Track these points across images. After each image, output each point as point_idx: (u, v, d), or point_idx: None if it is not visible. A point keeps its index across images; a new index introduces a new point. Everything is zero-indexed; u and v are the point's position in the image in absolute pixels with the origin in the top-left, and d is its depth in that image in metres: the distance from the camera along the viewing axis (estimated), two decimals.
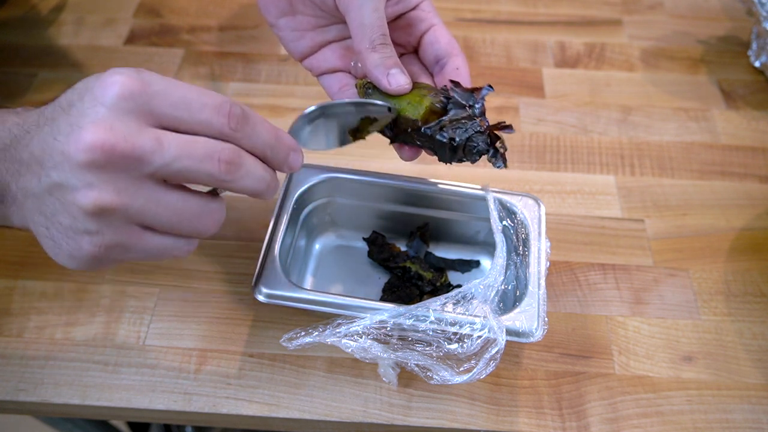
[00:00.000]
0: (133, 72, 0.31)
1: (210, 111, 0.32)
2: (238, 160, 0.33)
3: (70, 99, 0.32)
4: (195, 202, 0.33)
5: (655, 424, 0.46)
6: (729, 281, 0.54)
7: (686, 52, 0.74)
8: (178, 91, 0.31)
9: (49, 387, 0.46)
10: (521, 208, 0.49)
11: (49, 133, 0.31)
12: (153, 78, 0.31)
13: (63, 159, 0.30)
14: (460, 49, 0.44)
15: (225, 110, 0.32)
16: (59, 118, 0.32)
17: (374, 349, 0.41)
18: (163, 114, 0.31)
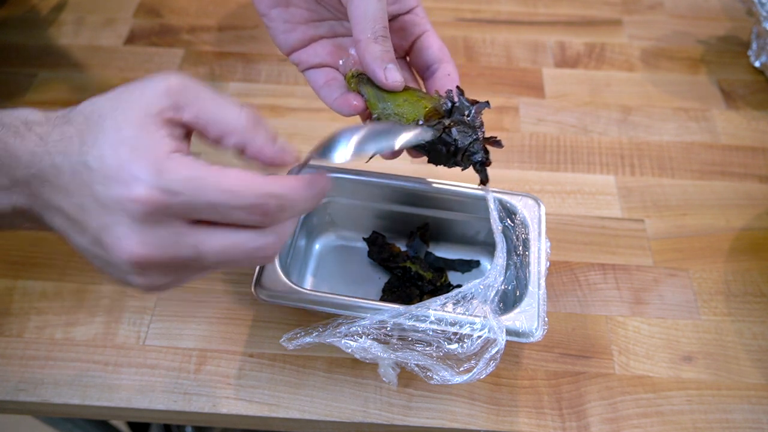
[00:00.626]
0: (153, 177, 0.29)
1: (244, 213, 0.31)
2: (277, 250, 0.33)
3: (89, 180, 0.30)
4: (242, 247, 0.32)
5: (655, 424, 0.46)
6: (729, 281, 0.54)
7: (686, 52, 0.74)
8: (205, 195, 0.30)
9: (49, 387, 0.46)
10: (521, 208, 0.49)
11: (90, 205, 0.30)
12: (177, 185, 0.29)
13: (107, 251, 0.31)
14: (450, 56, 0.45)
15: (259, 211, 0.31)
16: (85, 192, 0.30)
17: (374, 349, 0.41)
18: (195, 215, 0.31)
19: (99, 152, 0.30)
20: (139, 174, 0.29)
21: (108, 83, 0.68)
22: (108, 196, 0.30)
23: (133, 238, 0.30)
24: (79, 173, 0.31)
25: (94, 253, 0.32)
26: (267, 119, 0.65)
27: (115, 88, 0.33)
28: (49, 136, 0.32)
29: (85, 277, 0.52)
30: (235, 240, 0.31)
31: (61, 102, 0.66)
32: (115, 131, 0.31)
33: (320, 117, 0.65)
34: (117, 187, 0.30)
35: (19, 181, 0.32)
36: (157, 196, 0.29)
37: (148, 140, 0.30)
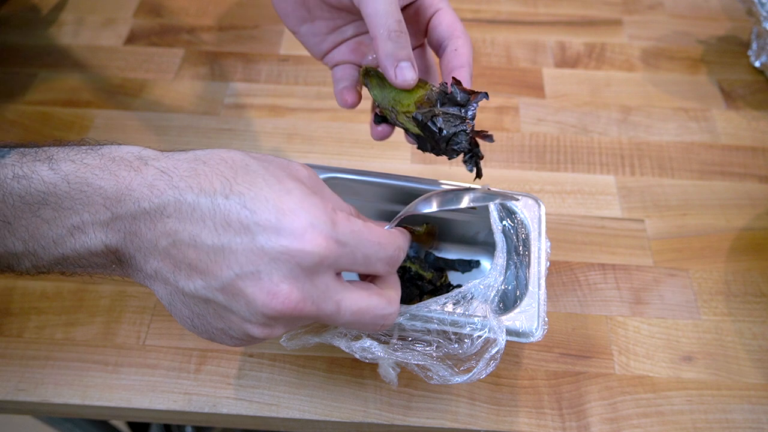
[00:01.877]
0: (331, 231, 0.30)
1: (382, 264, 0.34)
2: (392, 323, 0.36)
3: (246, 222, 0.29)
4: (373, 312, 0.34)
5: (655, 424, 0.46)
6: (729, 281, 0.54)
7: (686, 52, 0.74)
8: (363, 248, 0.32)
9: (49, 387, 0.46)
10: (521, 208, 0.49)
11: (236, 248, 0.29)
12: (345, 236, 0.31)
13: (240, 296, 0.30)
14: (463, 30, 0.43)
15: (393, 261, 0.34)
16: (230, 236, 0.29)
17: (374, 349, 0.41)
18: (343, 268, 0.32)
19: (260, 194, 0.30)
20: (316, 223, 0.30)
21: (108, 83, 0.68)
22: (271, 241, 0.29)
23: (293, 284, 0.30)
24: (227, 212, 0.29)
25: (209, 299, 0.31)
26: (267, 119, 0.65)
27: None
28: (174, 171, 0.31)
29: (85, 277, 0.52)
30: (369, 303, 0.33)
31: (61, 102, 0.66)
32: (277, 181, 0.31)
33: (320, 117, 0.65)
34: (286, 234, 0.29)
35: (123, 216, 0.30)
36: (332, 246, 0.30)
37: (315, 196, 0.31)
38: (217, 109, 0.66)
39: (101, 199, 0.30)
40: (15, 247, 0.31)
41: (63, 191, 0.30)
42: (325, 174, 0.50)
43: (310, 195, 0.31)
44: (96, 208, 0.30)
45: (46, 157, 0.31)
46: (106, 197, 0.30)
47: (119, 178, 0.30)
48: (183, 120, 0.65)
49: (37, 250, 0.31)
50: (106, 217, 0.30)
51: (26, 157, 0.31)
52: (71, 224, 0.30)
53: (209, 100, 0.67)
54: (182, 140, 0.63)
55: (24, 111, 0.65)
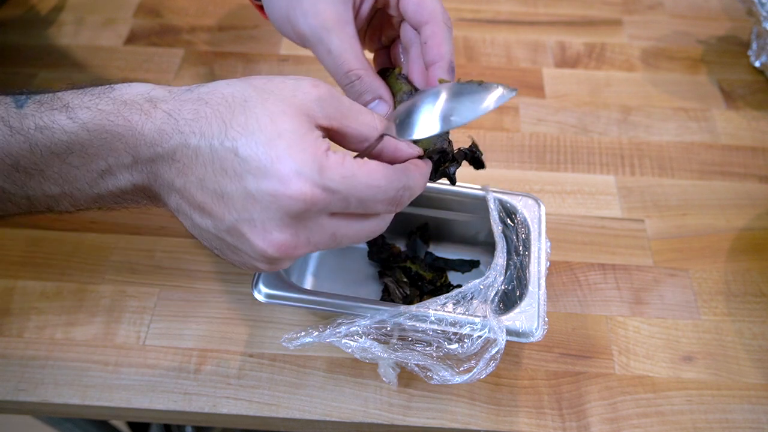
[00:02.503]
0: (316, 175, 0.30)
1: (383, 205, 0.33)
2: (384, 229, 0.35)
3: (240, 170, 0.30)
4: (369, 231, 0.34)
5: (655, 424, 0.46)
6: (729, 281, 0.54)
7: (686, 52, 0.73)
8: (357, 193, 0.31)
9: (49, 387, 0.46)
10: (521, 208, 0.49)
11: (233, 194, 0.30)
12: (335, 183, 0.30)
13: (243, 239, 0.31)
14: (433, 12, 0.39)
15: (395, 202, 0.33)
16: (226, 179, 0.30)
17: (374, 349, 0.41)
18: (341, 211, 0.32)
19: (251, 140, 0.30)
20: (302, 170, 0.30)
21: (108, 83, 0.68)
22: (261, 189, 0.30)
23: (284, 232, 0.31)
24: (222, 159, 0.30)
25: (220, 237, 0.32)
26: None
27: (252, 77, 0.32)
28: (179, 114, 0.31)
29: (85, 277, 0.52)
30: (365, 226, 0.33)
31: None
32: (270, 122, 0.30)
33: None
34: (273, 182, 0.29)
35: (142, 159, 0.32)
36: (318, 194, 0.30)
37: (306, 137, 0.31)
38: None
39: (121, 144, 0.31)
40: (52, 191, 0.33)
41: (85, 139, 0.31)
42: None
43: (301, 136, 0.30)
44: (118, 152, 0.31)
45: (62, 105, 0.32)
46: (125, 143, 0.31)
47: (133, 123, 0.31)
48: None
49: (72, 191, 0.33)
50: (128, 161, 0.32)
51: (44, 105, 0.32)
52: (99, 168, 0.32)
53: None
54: None
55: None
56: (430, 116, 0.34)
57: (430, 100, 0.35)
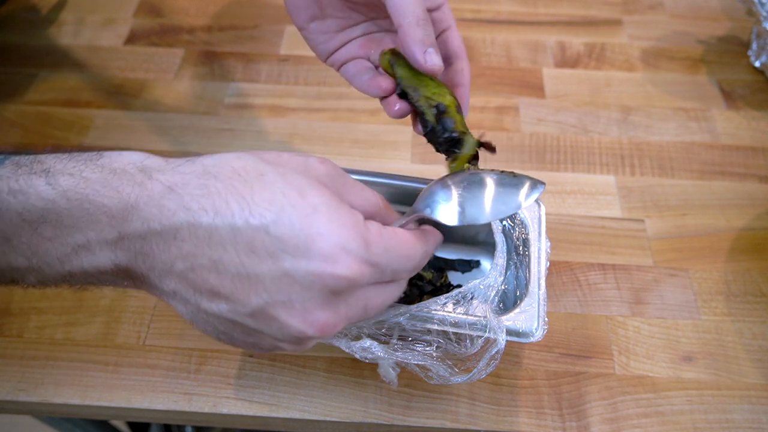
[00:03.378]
0: (363, 251, 0.29)
1: (408, 273, 0.33)
2: None
3: (272, 249, 0.28)
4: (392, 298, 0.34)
5: (655, 424, 0.46)
6: (729, 281, 0.54)
7: (686, 52, 0.73)
8: (393, 264, 0.31)
9: (49, 387, 0.46)
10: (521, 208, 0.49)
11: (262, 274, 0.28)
12: (378, 257, 0.30)
13: (273, 321, 0.29)
14: (466, 54, 0.46)
15: (418, 268, 0.34)
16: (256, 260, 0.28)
17: (374, 349, 0.41)
18: (381, 280, 0.32)
19: (284, 217, 0.28)
20: (348, 246, 0.28)
21: (108, 83, 0.68)
22: (301, 269, 0.28)
23: (326, 310, 0.29)
24: (250, 239, 0.28)
25: (237, 322, 0.29)
26: (267, 119, 0.65)
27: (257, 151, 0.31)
28: (184, 188, 0.28)
29: None
30: (388, 295, 0.33)
31: (61, 102, 0.66)
32: (299, 196, 0.28)
33: (320, 117, 0.65)
34: (316, 261, 0.28)
35: (130, 236, 0.29)
36: (365, 270, 0.29)
37: (342, 210, 0.29)
38: (217, 109, 0.66)
39: (105, 217, 0.28)
40: (18, 263, 0.29)
41: (63, 208, 0.28)
42: None
43: (337, 209, 0.29)
44: (101, 226, 0.28)
45: (42, 170, 0.29)
46: (111, 215, 0.28)
47: (122, 195, 0.28)
48: (183, 120, 0.65)
49: (41, 266, 0.29)
50: (112, 236, 0.29)
51: (21, 168, 0.29)
52: (75, 243, 0.29)
53: (209, 100, 0.67)
54: (182, 140, 0.63)
55: (24, 111, 0.65)
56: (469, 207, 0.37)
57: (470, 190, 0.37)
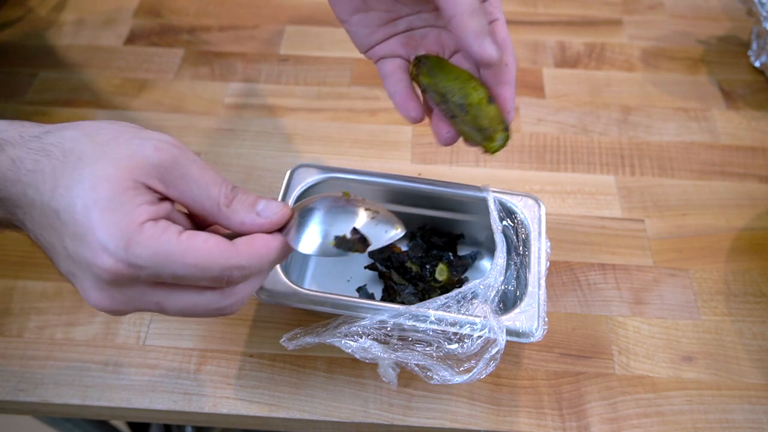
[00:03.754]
0: (120, 251, 0.30)
1: (208, 283, 0.32)
2: (240, 306, 0.35)
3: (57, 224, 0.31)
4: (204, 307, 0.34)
5: (655, 424, 0.46)
6: (729, 281, 0.54)
7: (686, 52, 0.73)
8: (170, 269, 0.31)
9: (49, 387, 0.46)
10: (521, 208, 0.49)
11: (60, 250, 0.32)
12: (142, 259, 0.30)
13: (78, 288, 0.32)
14: (512, 48, 0.43)
15: (224, 281, 0.32)
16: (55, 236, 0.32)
17: (374, 349, 0.41)
18: (163, 281, 0.32)
19: (71, 205, 0.30)
20: (107, 245, 0.30)
21: (108, 83, 0.68)
22: (78, 253, 0.30)
23: (100, 294, 0.31)
24: (49, 217, 0.31)
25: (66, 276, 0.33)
26: (267, 119, 0.65)
27: (102, 128, 0.32)
28: (23, 163, 0.32)
29: None
30: (197, 301, 0.33)
31: (61, 102, 0.66)
32: (91, 187, 0.30)
33: (320, 117, 0.65)
34: (85, 250, 0.30)
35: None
36: (122, 269, 0.30)
37: (122, 207, 0.30)
38: (217, 109, 0.66)
39: None
40: None
41: None
42: (325, 174, 0.50)
43: (114, 208, 0.30)
44: None
45: None
46: None
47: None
48: (183, 120, 0.65)
49: None
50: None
51: None
52: None
53: (209, 100, 0.67)
54: (182, 140, 0.62)
55: (24, 111, 0.65)
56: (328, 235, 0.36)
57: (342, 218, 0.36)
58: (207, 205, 0.33)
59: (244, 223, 0.34)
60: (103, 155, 0.31)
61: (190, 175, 0.33)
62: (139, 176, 0.31)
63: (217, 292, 0.33)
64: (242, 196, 0.35)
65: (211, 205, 0.33)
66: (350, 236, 0.35)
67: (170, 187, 0.32)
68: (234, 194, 0.34)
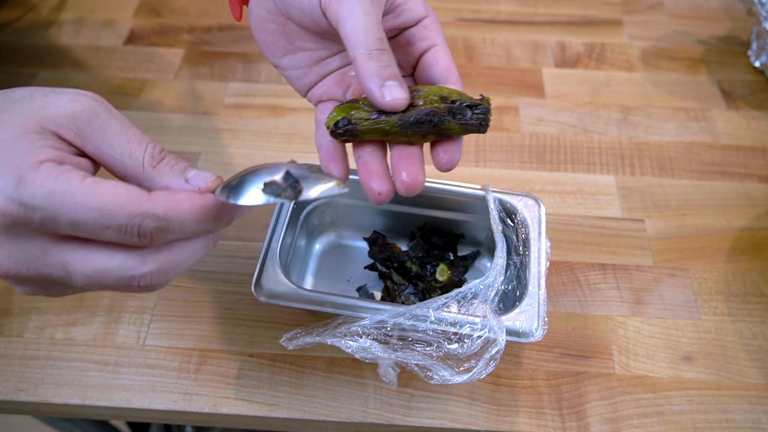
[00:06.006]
0: (10, 189, 0.27)
1: (114, 233, 0.28)
2: (163, 279, 0.30)
3: None
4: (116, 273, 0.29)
5: (655, 424, 0.46)
6: (729, 281, 0.54)
7: (686, 52, 0.74)
8: (67, 212, 0.27)
9: (49, 387, 0.46)
10: (521, 208, 0.49)
11: None
12: (34, 199, 0.27)
13: None
14: (458, 77, 0.39)
15: (133, 231, 0.28)
16: None
17: (374, 349, 0.41)
18: (60, 231, 0.28)
19: None
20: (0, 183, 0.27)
21: (108, 83, 0.68)
22: None
23: None
24: None
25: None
26: (267, 119, 0.65)
27: (20, 89, 0.30)
28: None
29: None
30: (107, 265, 0.29)
31: None
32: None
33: None
34: None
35: None
36: (13, 208, 0.27)
37: (19, 147, 0.28)
38: (217, 109, 0.66)
39: None
40: None
41: None
42: None
43: (12, 147, 0.28)
44: None
45: None
46: None
47: None
48: (183, 120, 0.65)
49: None
50: None
51: None
52: None
53: (209, 100, 0.67)
54: (182, 140, 0.63)
55: None
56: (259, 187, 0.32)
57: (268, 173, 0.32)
58: (128, 164, 0.30)
59: (170, 188, 0.31)
60: (12, 106, 0.29)
61: (109, 129, 0.30)
62: (48, 124, 0.29)
63: (133, 254, 0.29)
64: (171, 159, 0.32)
65: (133, 164, 0.30)
66: (280, 180, 0.32)
67: (86, 141, 0.30)
68: (162, 156, 0.31)
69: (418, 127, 0.37)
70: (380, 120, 0.37)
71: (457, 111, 0.37)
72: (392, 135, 0.38)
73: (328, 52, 0.42)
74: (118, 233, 0.28)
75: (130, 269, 0.29)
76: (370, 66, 0.36)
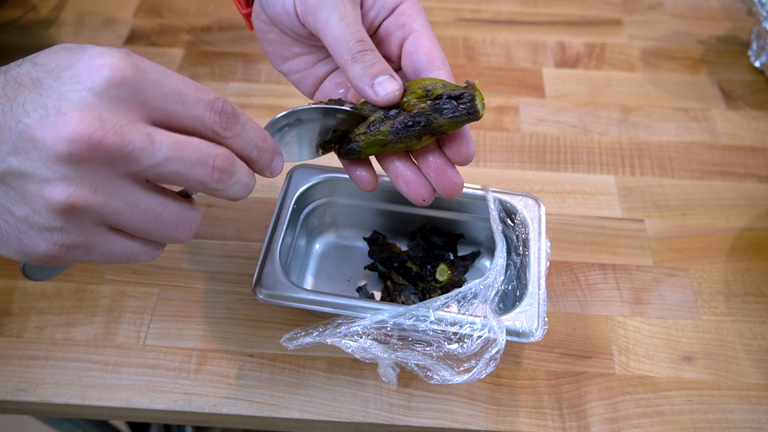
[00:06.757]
0: (124, 55, 0.28)
1: (203, 107, 0.30)
2: (231, 168, 0.31)
3: (36, 76, 0.28)
4: (174, 208, 0.31)
5: (655, 424, 0.46)
6: (729, 281, 0.54)
7: (686, 52, 0.73)
8: (172, 82, 0.29)
9: (49, 387, 0.46)
10: (521, 208, 0.49)
11: (7, 114, 0.27)
12: (146, 65, 0.29)
13: (32, 146, 0.27)
14: (444, 60, 0.39)
15: (218, 107, 0.30)
16: (21, 95, 0.28)
17: (374, 349, 0.41)
18: (156, 107, 0.29)
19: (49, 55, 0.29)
20: (108, 50, 0.28)
21: None
22: (60, 77, 0.27)
23: (84, 113, 0.27)
24: (16, 76, 0.30)
25: (3, 171, 0.28)
26: (267, 119, 0.65)
27: None
28: None
29: (85, 277, 0.52)
30: (190, 138, 0.30)
31: None
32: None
33: None
34: (74, 67, 0.27)
35: None
36: (128, 63, 0.28)
37: None
38: None
39: None
40: None
41: None
42: (325, 174, 0.50)
43: None
44: None
45: None
46: None
47: None
48: None
49: None
50: None
51: None
52: None
53: None
54: None
55: None
56: None
57: None
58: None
59: None
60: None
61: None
62: None
63: (213, 145, 0.30)
64: None
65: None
66: None
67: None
68: None
69: (410, 131, 0.37)
70: (375, 132, 0.38)
71: (442, 107, 0.37)
72: (390, 144, 0.38)
73: (321, 55, 0.44)
74: (206, 107, 0.30)
75: (208, 146, 0.30)
76: (357, 70, 0.37)
